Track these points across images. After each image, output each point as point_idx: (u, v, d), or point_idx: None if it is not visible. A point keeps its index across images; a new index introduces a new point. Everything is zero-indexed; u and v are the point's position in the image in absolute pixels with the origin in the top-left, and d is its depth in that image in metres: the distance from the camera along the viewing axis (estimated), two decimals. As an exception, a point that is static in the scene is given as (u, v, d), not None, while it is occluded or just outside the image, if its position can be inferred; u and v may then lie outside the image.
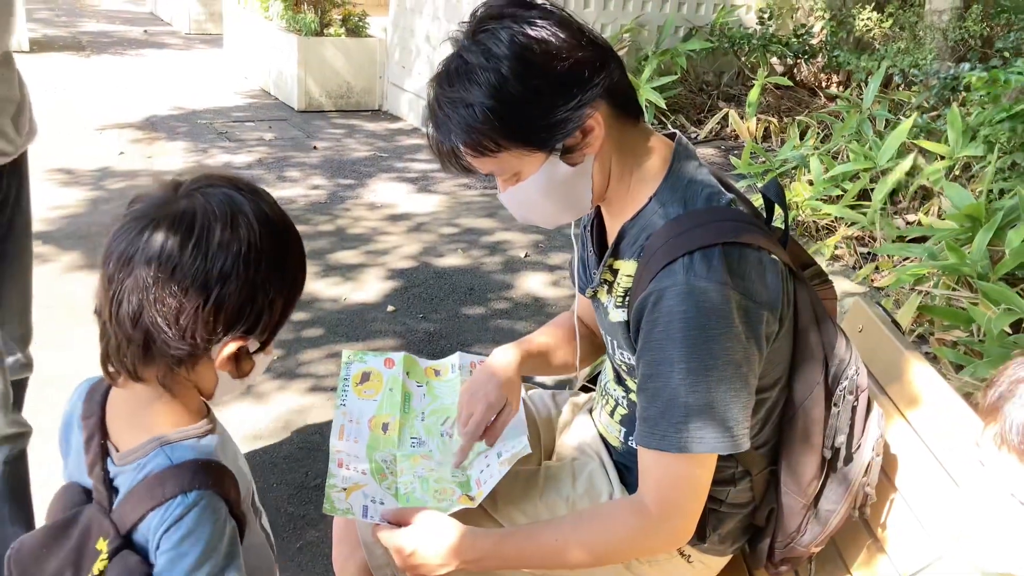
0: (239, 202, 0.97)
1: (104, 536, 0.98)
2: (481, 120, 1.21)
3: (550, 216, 1.35)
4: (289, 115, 6.99)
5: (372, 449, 1.52)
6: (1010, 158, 3.24)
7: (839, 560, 1.57)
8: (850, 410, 1.36)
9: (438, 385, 1.68)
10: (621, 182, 1.31)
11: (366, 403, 1.60)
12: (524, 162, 1.26)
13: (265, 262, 0.97)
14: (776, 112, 5.51)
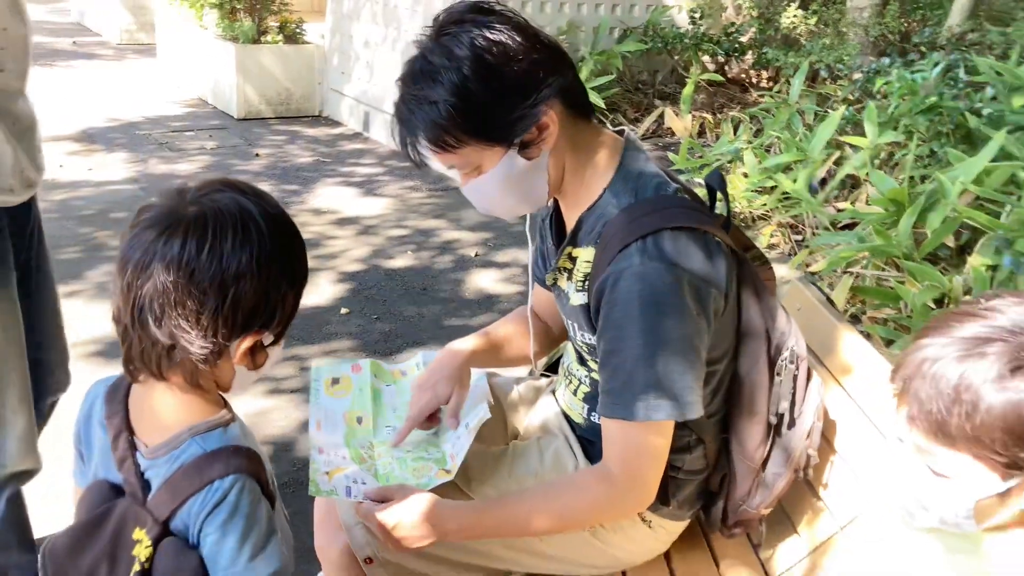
0: (247, 206, 1.03)
1: (141, 526, 1.04)
2: (444, 117, 1.30)
3: (510, 207, 1.45)
4: (229, 123, 6.97)
5: (349, 438, 1.60)
6: (928, 147, 3.44)
7: (787, 520, 1.70)
8: (792, 379, 1.48)
9: (405, 383, 1.76)
10: (575, 175, 1.42)
11: (339, 401, 1.67)
12: (484, 156, 1.35)
13: (275, 261, 1.03)
14: (710, 108, 5.69)
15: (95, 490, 1.12)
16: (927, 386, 0.99)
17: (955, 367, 0.97)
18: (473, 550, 1.53)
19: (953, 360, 0.97)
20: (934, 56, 3.90)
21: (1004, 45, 4.44)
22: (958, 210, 2.56)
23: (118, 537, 1.07)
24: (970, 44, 4.59)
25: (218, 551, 1.03)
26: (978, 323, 1.00)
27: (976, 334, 0.98)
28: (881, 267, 2.81)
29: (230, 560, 1.03)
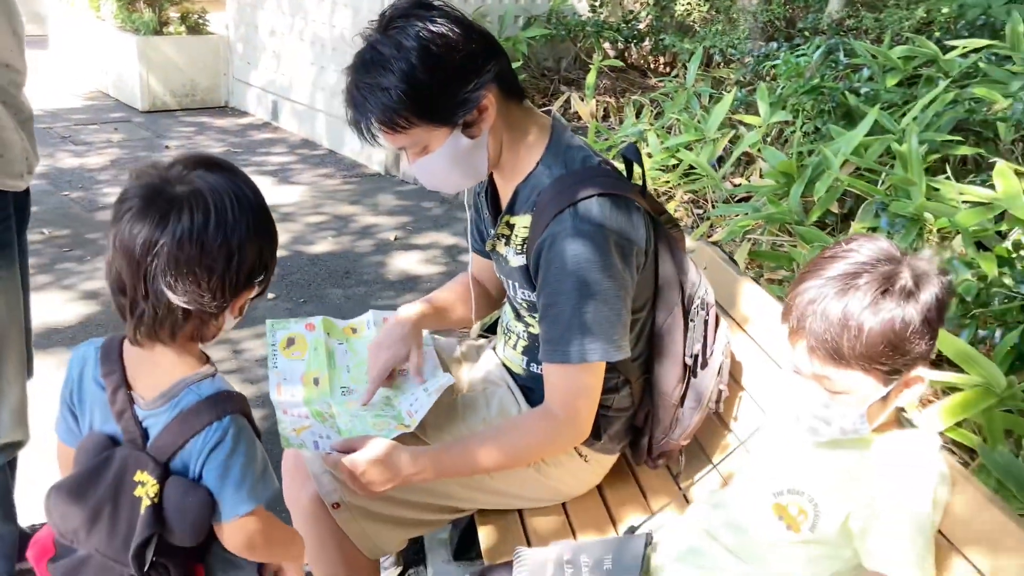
0: (232, 179, 1.17)
1: (143, 468, 1.17)
2: (395, 102, 1.45)
3: (454, 182, 1.62)
4: (133, 116, 6.87)
5: (308, 401, 1.74)
6: (813, 124, 3.75)
7: (701, 452, 1.92)
8: (703, 324, 1.70)
9: (356, 342, 1.91)
10: (511, 151, 1.60)
11: (295, 363, 1.80)
12: (431, 136, 1.52)
13: (264, 224, 1.19)
14: (612, 93, 5.95)
15: (93, 441, 1.24)
16: (818, 322, 1.19)
17: (837, 303, 1.18)
18: (431, 491, 1.70)
19: (834, 297, 1.19)
20: (816, 40, 4.22)
21: (878, 30, 4.82)
22: (841, 179, 2.84)
23: (120, 480, 1.19)
24: (848, 29, 4.96)
25: (224, 482, 1.17)
26: (844, 263, 1.22)
27: (845, 271, 1.21)
28: (775, 233, 3.09)
29: (236, 488, 1.18)
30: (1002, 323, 2.17)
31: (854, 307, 1.18)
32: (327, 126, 6.37)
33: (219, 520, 1.20)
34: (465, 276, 1.96)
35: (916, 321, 1.18)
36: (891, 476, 1.23)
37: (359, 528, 1.66)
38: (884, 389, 1.22)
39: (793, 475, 1.33)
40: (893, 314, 1.17)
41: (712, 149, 3.92)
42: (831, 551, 1.28)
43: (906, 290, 1.18)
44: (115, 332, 1.28)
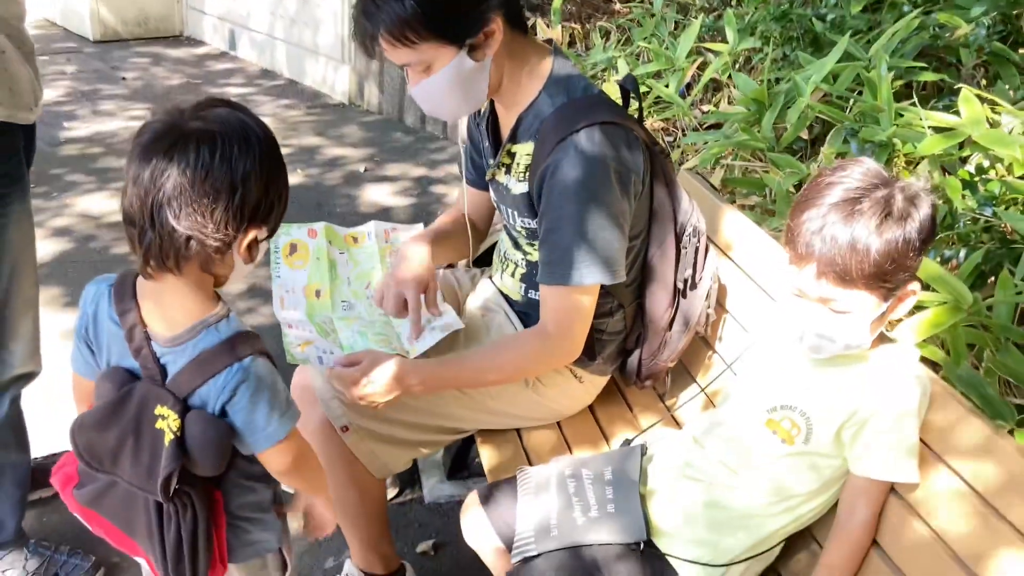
0: (243, 118, 1.21)
1: (163, 403, 1.22)
2: (409, 13, 1.47)
3: (453, 106, 1.64)
4: (85, 46, 6.67)
5: (311, 315, 1.78)
6: (781, 50, 3.79)
7: (686, 372, 2.02)
8: (694, 251, 1.78)
9: (357, 252, 1.94)
10: (513, 79, 1.64)
11: (298, 273, 1.84)
12: (437, 55, 1.54)
13: (270, 162, 1.22)
14: (577, 19, 5.91)
15: (112, 375, 1.29)
16: (828, 247, 1.27)
17: (844, 228, 1.26)
18: (435, 412, 1.78)
19: (840, 223, 1.27)
20: (783, -34, 4.24)
21: (843, -46, 4.84)
22: (811, 106, 2.91)
23: (141, 413, 1.24)
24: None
25: (252, 418, 1.24)
26: (841, 188, 1.30)
27: (845, 197, 1.29)
28: (747, 159, 3.16)
29: (265, 422, 1.24)
30: (966, 244, 2.28)
31: (860, 231, 1.26)
32: (287, 55, 6.25)
33: (257, 450, 1.27)
34: (458, 211, 2.00)
35: (915, 239, 1.27)
36: (880, 386, 1.33)
37: (367, 449, 1.74)
38: (883, 305, 1.32)
39: (786, 392, 1.42)
40: (896, 235, 1.26)
41: (680, 77, 3.95)
42: (824, 460, 1.38)
43: (904, 212, 1.27)
44: (90, 268, 1.32)
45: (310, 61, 6.06)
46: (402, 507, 2.34)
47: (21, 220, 1.76)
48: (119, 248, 3.58)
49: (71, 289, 3.25)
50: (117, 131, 4.91)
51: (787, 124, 2.98)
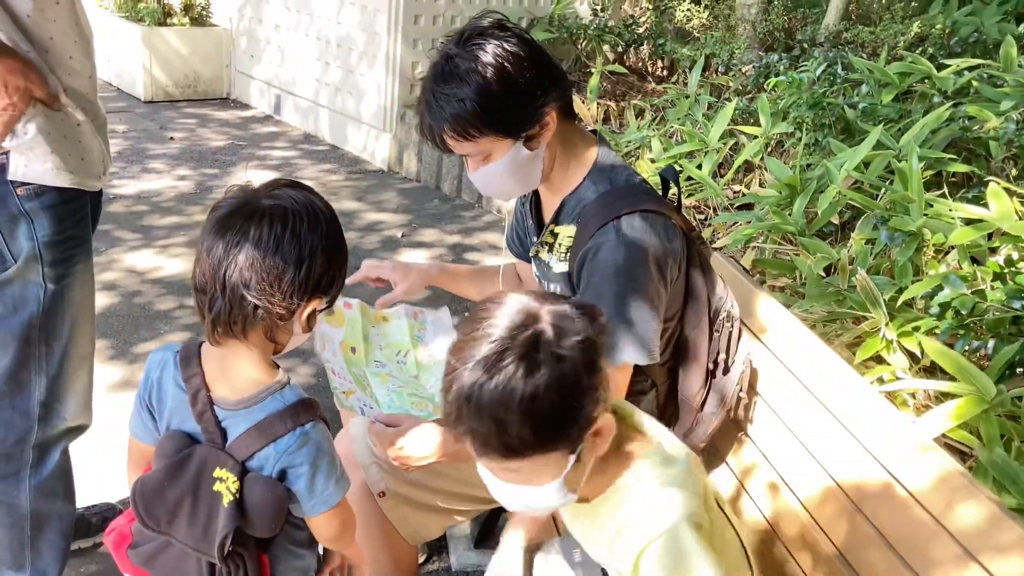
0: (311, 197, 1.30)
1: (222, 466, 1.29)
2: (469, 112, 1.57)
3: (508, 189, 1.74)
4: (136, 106, 6.92)
5: (348, 366, 1.87)
6: (813, 136, 3.89)
7: (716, 454, 2.05)
8: (727, 335, 1.83)
9: (388, 327, 2.04)
10: (562, 166, 1.73)
11: (335, 330, 1.94)
12: (496, 146, 1.64)
13: (334, 239, 1.31)
14: (612, 96, 6.06)
15: (173, 438, 1.36)
16: (478, 420, 1.08)
17: (489, 395, 1.06)
18: (467, 481, 1.82)
19: (486, 387, 1.07)
20: (816, 54, 4.37)
21: (873, 44, 4.98)
22: (843, 193, 2.99)
23: (200, 475, 1.31)
24: (845, 42, 5.11)
25: (312, 482, 1.30)
26: (486, 343, 1.09)
27: (489, 353, 1.08)
28: (778, 242, 3.23)
29: (323, 487, 1.31)
30: (995, 335, 2.32)
31: (507, 394, 1.06)
32: (330, 121, 6.45)
33: (312, 514, 1.33)
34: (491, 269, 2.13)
35: (576, 377, 1.10)
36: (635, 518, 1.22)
37: (401, 515, 1.79)
38: (572, 457, 1.15)
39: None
40: (544, 384, 1.07)
41: (714, 158, 4.06)
42: None
43: (553, 352, 1.08)
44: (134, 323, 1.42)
45: (352, 128, 6.25)
46: (430, 574, 2.37)
47: (84, 280, 1.85)
48: (162, 304, 3.69)
49: (115, 342, 3.35)
50: (163, 190, 5.08)
51: (818, 209, 3.07)
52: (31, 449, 1.88)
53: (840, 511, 1.64)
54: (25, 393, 1.84)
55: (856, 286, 2.45)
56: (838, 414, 1.71)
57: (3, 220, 1.70)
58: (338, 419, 2.16)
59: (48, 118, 1.65)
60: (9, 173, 1.65)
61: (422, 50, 5.80)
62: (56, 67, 1.65)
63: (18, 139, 1.63)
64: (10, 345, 1.79)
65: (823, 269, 2.78)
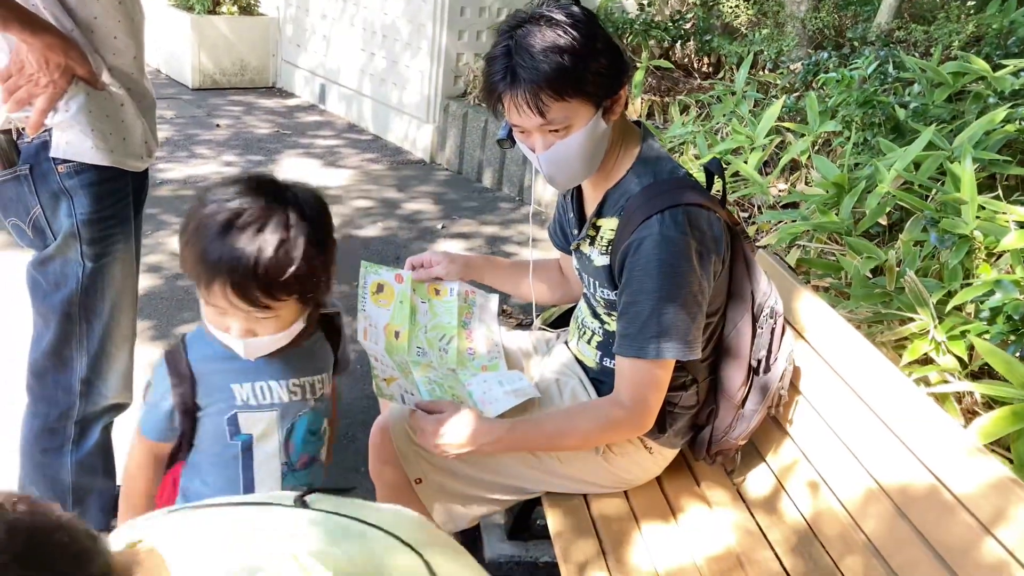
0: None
1: None
2: (568, 69, 1.53)
3: (577, 170, 1.68)
4: (184, 93, 7.02)
5: (389, 352, 1.86)
6: (862, 135, 3.82)
7: (755, 452, 2.03)
8: (769, 331, 1.80)
9: (438, 304, 2.03)
10: (610, 155, 1.70)
11: (381, 310, 1.93)
12: (580, 114, 1.59)
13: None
14: (657, 92, 6.02)
15: None
16: None
17: None
18: (503, 471, 1.82)
19: None
20: (867, 53, 4.29)
21: (927, 43, 4.87)
22: (892, 193, 2.93)
23: None
24: (897, 41, 5.01)
25: None
26: None
27: None
28: (824, 241, 3.18)
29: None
30: (1048, 342, 2.25)
31: None
32: (373, 111, 6.48)
33: None
34: (526, 262, 2.12)
35: None
36: None
37: (437, 503, 1.79)
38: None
39: None
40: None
41: (760, 155, 4.00)
42: None
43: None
44: (176, 305, 1.50)
45: (395, 118, 6.27)
46: (463, 564, 2.37)
47: (125, 260, 1.87)
48: (205, 288, 3.73)
49: (158, 323, 3.39)
50: (208, 175, 5.14)
51: (866, 209, 3.01)
52: (73, 425, 1.91)
53: (882, 513, 1.61)
54: (67, 369, 1.86)
55: (903, 288, 2.40)
56: (883, 415, 1.68)
57: (45, 197, 1.72)
58: (376, 406, 2.17)
59: (90, 96, 1.67)
60: (51, 150, 1.68)
61: (467, 41, 5.81)
62: (100, 46, 1.67)
63: (60, 116, 1.65)
64: (52, 321, 1.82)
65: (869, 270, 2.72)
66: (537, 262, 2.12)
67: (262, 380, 1.46)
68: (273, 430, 1.49)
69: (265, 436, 1.48)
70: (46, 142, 1.68)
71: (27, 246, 1.83)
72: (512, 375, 1.91)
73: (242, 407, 1.46)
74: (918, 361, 2.27)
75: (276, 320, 1.36)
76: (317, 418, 1.54)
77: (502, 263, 2.17)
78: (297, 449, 1.52)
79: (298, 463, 1.53)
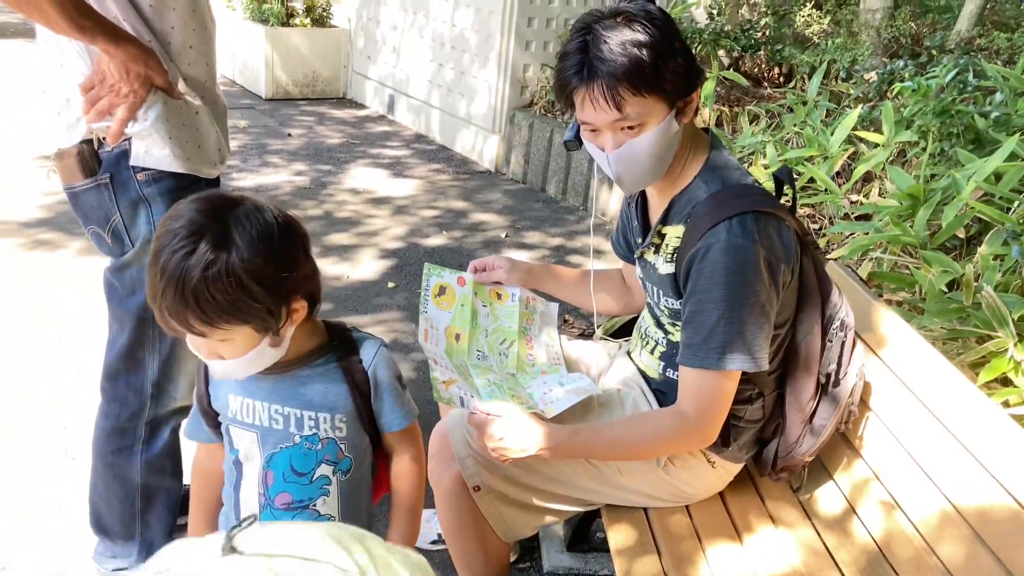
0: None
1: None
2: (648, 64, 1.51)
3: (646, 171, 1.65)
4: (257, 103, 7.18)
5: (448, 355, 1.86)
6: (939, 146, 3.70)
7: (823, 468, 1.97)
8: (840, 344, 1.75)
9: (500, 308, 2.03)
10: (678, 160, 1.68)
11: (443, 313, 1.94)
12: (654, 112, 1.57)
13: None
14: (726, 101, 5.94)
15: None
16: None
17: None
18: (563, 481, 1.80)
19: None
20: (945, 61, 4.16)
21: (1010, 51, 4.71)
22: (970, 205, 2.83)
23: None
24: (978, 49, 4.85)
25: None
26: None
27: None
28: (897, 254, 3.08)
29: None
30: None
31: None
32: (441, 122, 6.54)
33: None
34: (588, 273, 2.10)
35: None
36: None
37: (496, 511, 1.78)
38: None
39: None
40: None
41: (831, 164, 3.91)
42: None
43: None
44: None
45: (462, 129, 6.31)
46: (521, 574, 2.35)
47: None
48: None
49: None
50: (280, 184, 5.24)
51: (942, 222, 2.91)
52: (143, 426, 1.95)
53: (959, 537, 1.55)
54: (139, 372, 1.91)
55: (981, 303, 2.31)
56: (959, 435, 1.62)
57: (125, 205, 1.77)
58: (436, 411, 2.17)
59: (167, 105, 1.71)
60: (131, 158, 1.72)
61: (534, 51, 5.82)
62: (176, 56, 1.71)
63: (139, 125, 1.69)
64: (127, 325, 1.87)
65: (945, 284, 2.63)
66: (599, 272, 2.10)
67: (249, 397, 1.43)
68: (255, 453, 1.45)
69: (248, 457, 1.46)
70: (126, 151, 1.73)
71: (105, 253, 1.88)
72: (573, 375, 1.90)
73: (232, 420, 1.45)
74: (996, 381, 2.19)
75: (232, 344, 1.29)
76: (306, 459, 1.44)
77: (563, 272, 2.15)
78: (276, 483, 1.44)
79: (277, 501, 1.45)
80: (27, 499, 2.40)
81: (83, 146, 1.73)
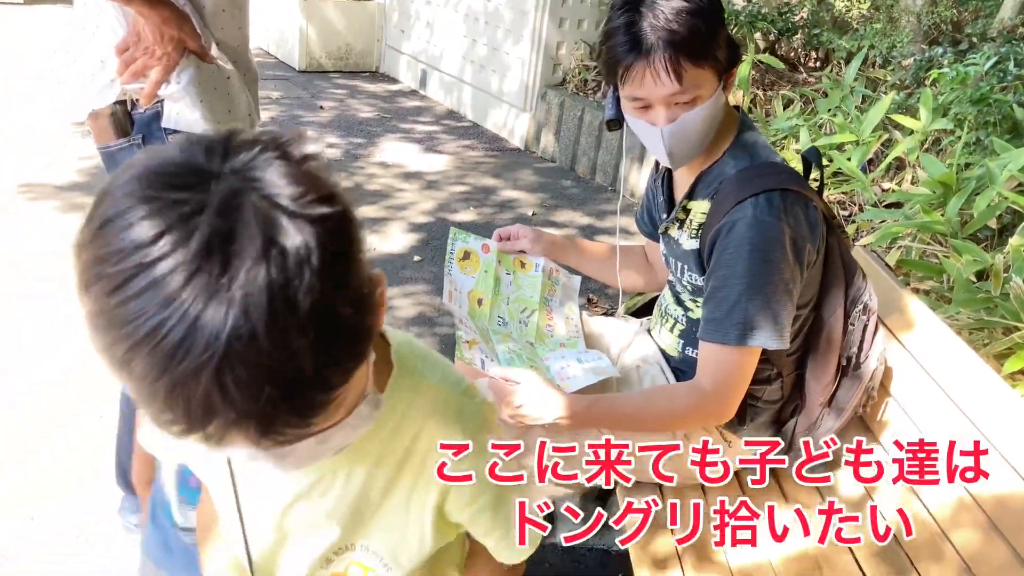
0: None
1: None
2: (705, 35, 1.51)
3: (696, 144, 1.64)
4: (291, 75, 7.21)
5: (472, 317, 1.89)
6: (975, 134, 3.65)
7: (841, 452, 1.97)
8: (862, 328, 1.74)
9: (523, 277, 2.04)
10: (707, 136, 1.67)
11: (467, 277, 1.96)
12: (707, 83, 1.56)
13: None
14: (760, 85, 5.88)
15: None
16: None
17: None
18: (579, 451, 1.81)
19: None
20: (986, 49, 4.09)
21: (1053, 40, 4.61)
22: (1004, 195, 2.79)
23: None
24: (1020, 37, 4.76)
25: None
26: None
27: None
28: (927, 242, 3.06)
29: None
30: None
31: None
32: (472, 98, 6.53)
33: None
34: (613, 247, 2.11)
35: None
36: None
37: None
38: None
39: None
40: None
41: (864, 151, 3.87)
42: None
43: None
44: None
45: (494, 106, 6.31)
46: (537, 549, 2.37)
47: None
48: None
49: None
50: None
51: (974, 211, 2.87)
52: None
53: (974, 525, 1.55)
54: None
55: (1009, 294, 2.29)
56: (980, 425, 1.61)
57: None
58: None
59: (200, 69, 1.73)
60: (163, 120, 1.75)
61: (568, 29, 5.79)
62: (209, 21, 1.73)
63: (172, 88, 1.72)
64: None
65: (974, 274, 2.61)
66: (622, 247, 2.10)
67: None
68: None
69: None
70: (158, 113, 1.75)
71: None
72: (591, 353, 1.91)
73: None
74: (1021, 372, 2.17)
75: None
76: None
77: (587, 246, 2.16)
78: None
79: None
80: (54, 452, 2.46)
81: (117, 107, 1.76)
